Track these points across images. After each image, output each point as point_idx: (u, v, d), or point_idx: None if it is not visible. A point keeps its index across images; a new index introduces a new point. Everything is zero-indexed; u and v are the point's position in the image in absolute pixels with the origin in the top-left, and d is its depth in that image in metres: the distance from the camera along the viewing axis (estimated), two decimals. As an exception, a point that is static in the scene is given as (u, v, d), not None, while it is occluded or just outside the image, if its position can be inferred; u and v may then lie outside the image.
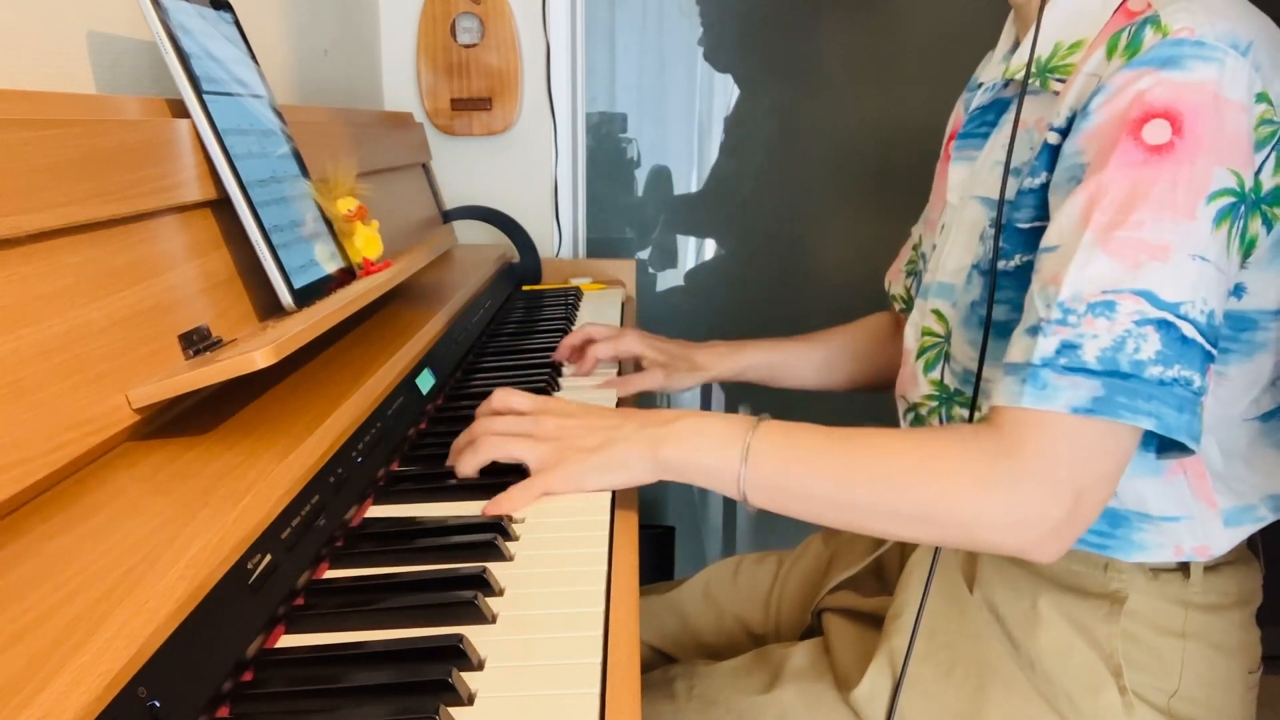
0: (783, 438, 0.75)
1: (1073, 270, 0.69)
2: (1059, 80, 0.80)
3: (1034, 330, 0.71)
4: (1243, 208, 0.71)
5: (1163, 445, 0.73)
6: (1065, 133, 0.77)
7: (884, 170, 2.24)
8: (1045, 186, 0.78)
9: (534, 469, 0.77)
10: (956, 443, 0.72)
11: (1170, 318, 0.67)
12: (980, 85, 0.94)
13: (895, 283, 1.14)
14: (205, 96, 0.83)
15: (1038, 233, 0.78)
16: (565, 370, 1.15)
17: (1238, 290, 0.76)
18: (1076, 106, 0.76)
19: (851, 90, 2.32)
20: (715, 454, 0.75)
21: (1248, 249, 0.73)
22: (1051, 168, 0.78)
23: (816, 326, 1.21)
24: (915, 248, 1.11)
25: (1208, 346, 0.69)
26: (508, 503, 0.74)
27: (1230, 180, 0.70)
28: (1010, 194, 0.82)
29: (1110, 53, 0.74)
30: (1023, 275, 0.80)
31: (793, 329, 1.20)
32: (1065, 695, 0.82)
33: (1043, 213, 0.79)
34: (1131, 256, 0.68)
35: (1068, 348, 0.69)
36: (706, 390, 2.54)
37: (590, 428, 0.78)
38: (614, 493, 0.83)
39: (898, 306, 1.13)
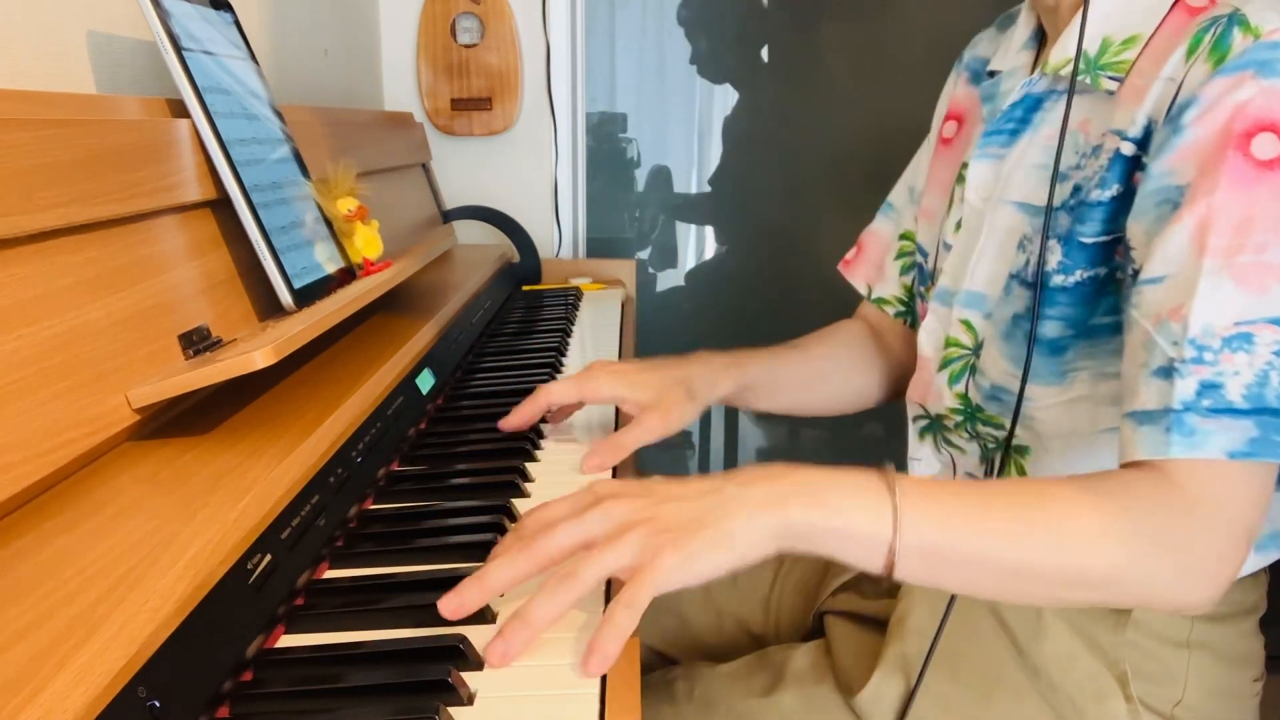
0: (931, 494, 0.63)
1: (1199, 303, 0.64)
2: (1111, 78, 0.76)
3: (1166, 372, 0.65)
4: None
5: None
6: (1140, 143, 0.72)
7: (883, 170, 2.23)
8: (1117, 199, 0.74)
9: (628, 573, 0.58)
10: (1135, 497, 0.65)
11: None
12: (990, 71, 0.91)
13: (881, 283, 1.08)
14: (205, 96, 0.83)
15: (1104, 247, 0.75)
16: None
17: None
18: (1155, 115, 0.71)
19: (849, 90, 2.32)
20: (859, 515, 0.61)
21: None
22: (1125, 180, 0.73)
23: (818, 325, 1.19)
24: (906, 236, 1.05)
25: None
26: (613, 636, 0.56)
27: None
28: (1057, 202, 0.78)
29: (1191, 54, 0.69)
30: (1081, 291, 0.76)
31: (794, 328, 1.17)
32: (1071, 703, 0.82)
33: (1111, 226, 0.75)
34: (1259, 282, 0.64)
35: (1209, 388, 0.64)
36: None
37: (680, 497, 0.61)
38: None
39: (892, 310, 1.08)
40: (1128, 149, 0.73)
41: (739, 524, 0.59)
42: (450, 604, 0.59)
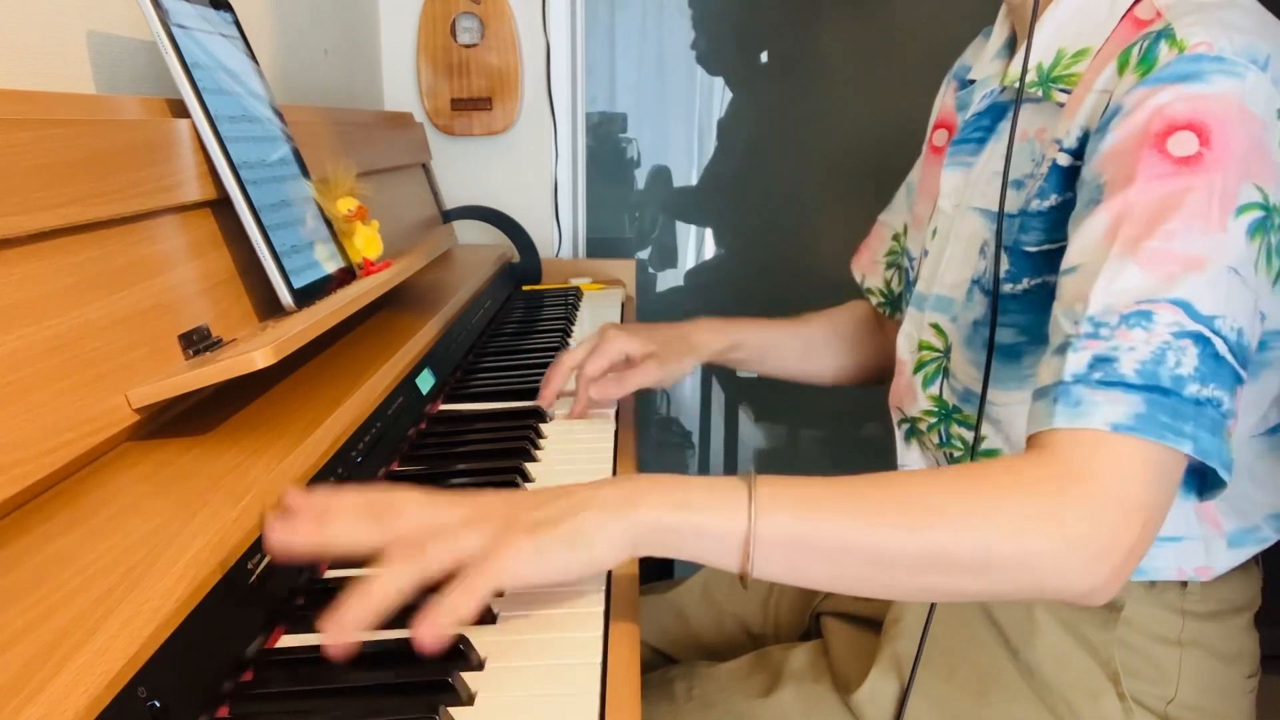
0: (790, 486, 0.61)
1: (1100, 284, 0.64)
2: (1063, 90, 0.77)
3: (1062, 349, 0.65)
4: (1276, 220, 0.66)
5: (1202, 486, 0.69)
6: (1076, 153, 0.74)
7: (882, 168, 2.23)
8: (1055, 209, 0.75)
9: (471, 560, 0.56)
10: (1009, 473, 0.63)
11: (1206, 332, 0.63)
12: (971, 80, 0.92)
13: (871, 275, 1.13)
14: (205, 96, 0.83)
15: (1047, 256, 0.76)
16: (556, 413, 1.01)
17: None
18: (1089, 126, 0.73)
19: (848, 88, 2.32)
20: (712, 510, 0.59)
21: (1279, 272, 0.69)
22: (1062, 190, 0.75)
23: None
24: (896, 237, 1.10)
25: (1237, 367, 0.64)
26: (441, 616, 0.54)
27: (1256, 195, 0.66)
28: (1011, 208, 0.79)
29: (1122, 68, 0.71)
30: (1030, 299, 0.78)
31: (794, 329, 1.19)
32: (1065, 701, 0.82)
33: (1053, 235, 0.76)
34: (1164, 267, 0.63)
35: (1101, 361, 0.63)
36: (707, 392, 2.55)
37: (536, 497, 0.60)
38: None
39: (874, 300, 1.13)
40: (1064, 159, 0.74)
41: (592, 524, 0.58)
42: (279, 534, 0.57)
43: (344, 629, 0.53)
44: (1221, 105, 0.66)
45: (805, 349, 1.14)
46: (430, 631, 0.53)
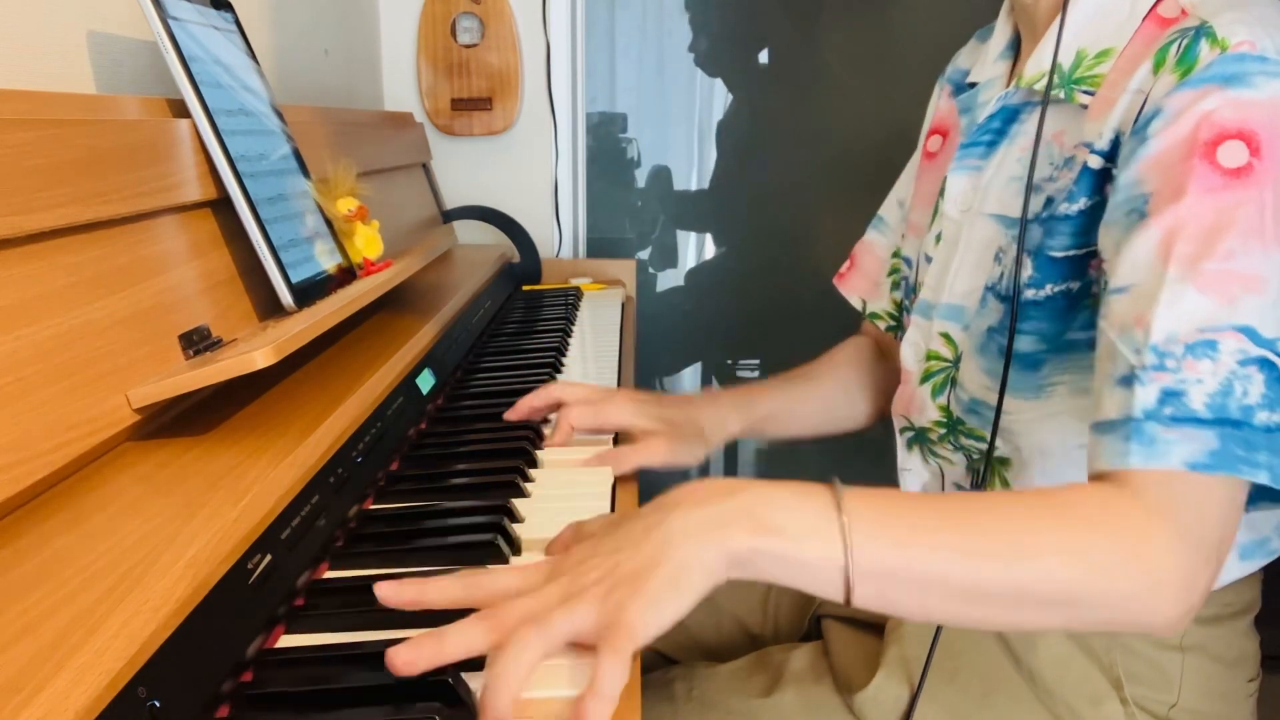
0: (882, 510, 0.59)
1: (1161, 309, 0.62)
2: (1085, 92, 0.75)
3: (1128, 380, 0.63)
4: None
5: (1253, 495, 0.66)
6: (1108, 156, 0.72)
7: (883, 169, 2.24)
8: (1085, 213, 0.74)
9: (591, 637, 0.54)
10: (1095, 506, 0.62)
11: (1270, 355, 0.61)
12: (970, 82, 0.91)
13: (874, 299, 1.08)
14: (205, 96, 0.83)
15: (1074, 261, 0.75)
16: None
17: None
18: (1122, 128, 0.71)
19: (849, 89, 2.32)
20: (806, 538, 0.57)
21: None
22: (1093, 194, 0.73)
23: (818, 327, 1.19)
24: (897, 253, 1.07)
25: None
26: (596, 709, 0.51)
27: None
28: (1030, 213, 0.78)
29: (1158, 67, 0.69)
30: (1051, 305, 0.77)
31: (792, 329, 1.18)
32: (1067, 706, 0.82)
33: (1081, 240, 0.74)
34: (1226, 290, 0.62)
35: (1171, 396, 0.62)
36: (707, 390, 2.55)
37: (625, 544, 0.57)
38: (614, 489, 0.82)
39: (883, 325, 1.08)
40: (1095, 162, 0.73)
41: (691, 558, 0.56)
42: (404, 656, 0.53)
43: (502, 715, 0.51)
44: (1269, 112, 0.64)
45: (824, 405, 1.06)
46: (594, 711, 0.50)
